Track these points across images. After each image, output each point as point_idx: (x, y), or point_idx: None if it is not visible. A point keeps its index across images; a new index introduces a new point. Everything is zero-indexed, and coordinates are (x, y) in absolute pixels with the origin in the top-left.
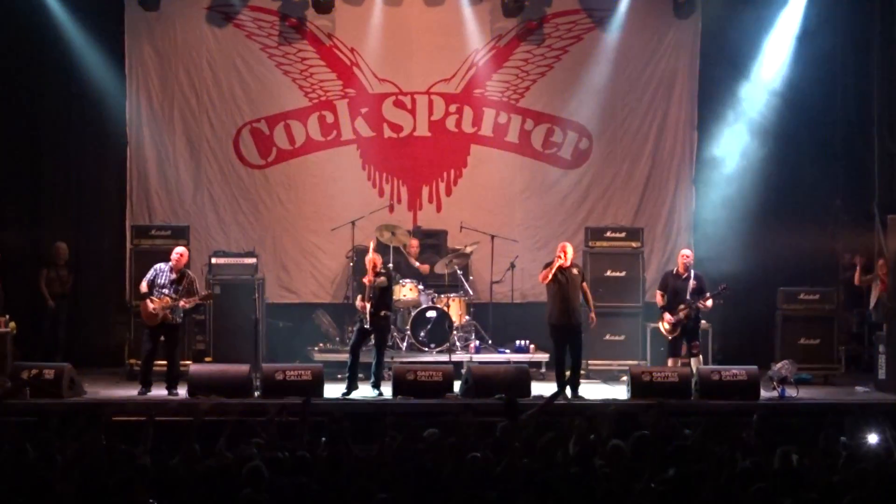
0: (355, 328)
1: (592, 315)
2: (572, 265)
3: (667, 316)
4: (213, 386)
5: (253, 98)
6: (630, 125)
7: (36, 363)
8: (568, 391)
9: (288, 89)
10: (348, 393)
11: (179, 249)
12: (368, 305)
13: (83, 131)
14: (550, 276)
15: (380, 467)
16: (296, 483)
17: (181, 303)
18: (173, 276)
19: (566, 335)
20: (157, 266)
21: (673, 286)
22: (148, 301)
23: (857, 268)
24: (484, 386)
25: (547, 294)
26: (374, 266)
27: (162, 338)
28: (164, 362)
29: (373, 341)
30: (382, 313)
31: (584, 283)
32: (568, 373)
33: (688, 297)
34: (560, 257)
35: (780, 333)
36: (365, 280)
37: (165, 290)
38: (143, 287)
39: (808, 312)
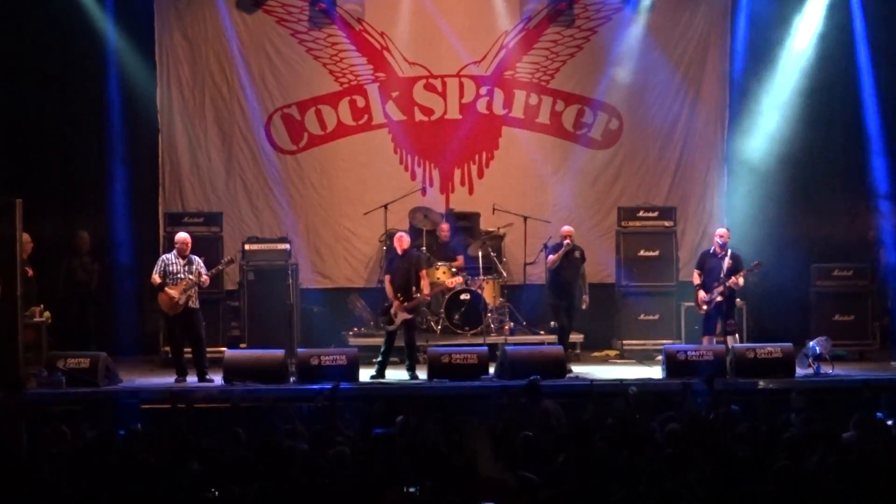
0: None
1: (585, 297)
2: (575, 247)
3: (701, 294)
4: (249, 372)
5: (284, 84)
6: (661, 104)
7: (71, 352)
8: None
9: (318, 74)
10: (377, 376)
11: (183, 235)
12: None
13: (115, 120)
14: (558, 262)
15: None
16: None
17: (203, 279)
18: (182, 261)
19: (563, 310)
20: (164, 257)
21: (709, 265)
22: (167, 289)
23: None
24: (519, 368)
25: (546, 275)
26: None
27: (182, 326)
28: (190, 350)
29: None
30: (416, 294)
31: (584, 265)
32: None
33: (722, 275)
34: (568, 243)
35: (815, 310)
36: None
37: (181, 275)
38: (157, 279)
39: (841, 289)
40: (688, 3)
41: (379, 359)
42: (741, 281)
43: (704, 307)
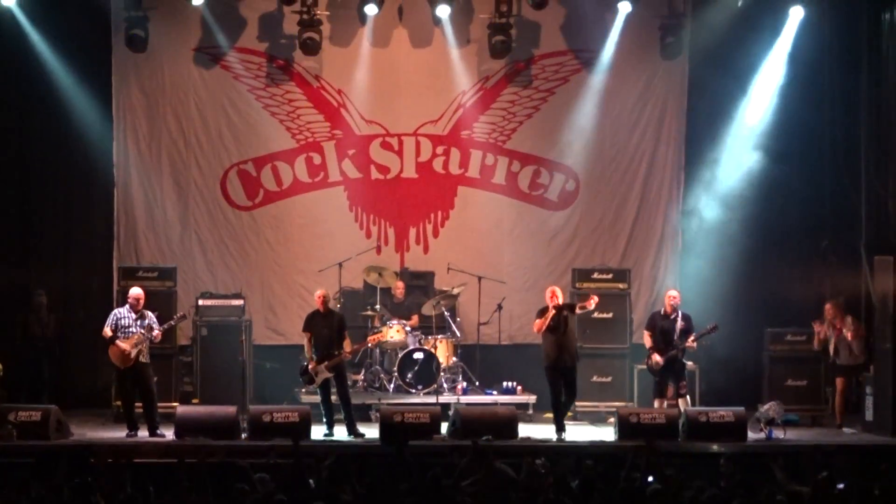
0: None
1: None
2: (562, 307)
3: (655, 357)
4: (201, 427)
5: (240, 139)
6: (617, 166)
7: (22, 405)
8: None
9: (275, 131)
10: (329, 434)
11: (137, 291)
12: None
13: (71, 173)
14: (545, 327)
15: None
16: None
17: (154, 333)
18: (134, 315)
19: (562, 376)
20: (116, 311)
21: (661, 327)
22: (118, 343)
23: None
24: (471, 428)
25: (542, 338)
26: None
27: (133, 380)
28: (140, 405)
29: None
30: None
31: (575, 311)
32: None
33: (675, 337)
34: (556, 304)
35: (768, 374)
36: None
37: (132, 330)
38: (108, 332)
39: (795, 353)
40: (646, 67)
41: (324, 419)
42: (694, 344)
43: (657, 369)
